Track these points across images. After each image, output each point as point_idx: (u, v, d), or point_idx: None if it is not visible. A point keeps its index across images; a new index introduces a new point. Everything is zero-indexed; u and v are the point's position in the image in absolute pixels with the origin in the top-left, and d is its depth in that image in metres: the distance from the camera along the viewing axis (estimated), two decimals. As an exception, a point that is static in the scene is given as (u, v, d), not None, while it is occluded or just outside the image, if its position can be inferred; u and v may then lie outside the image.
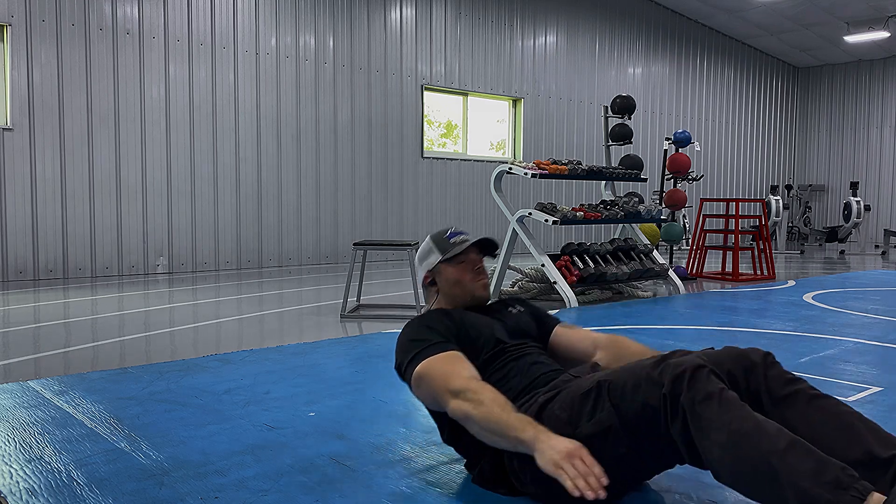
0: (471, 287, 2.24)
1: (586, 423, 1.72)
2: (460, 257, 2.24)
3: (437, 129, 11.01)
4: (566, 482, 1.57)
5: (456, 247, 2.25)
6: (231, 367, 3.48)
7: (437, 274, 2.27)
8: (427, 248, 2.31)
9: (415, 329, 2.08)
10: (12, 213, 7.20)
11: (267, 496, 1.97)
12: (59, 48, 7.37)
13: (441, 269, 2.26)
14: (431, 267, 2.27)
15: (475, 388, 1.84)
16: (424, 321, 2.11)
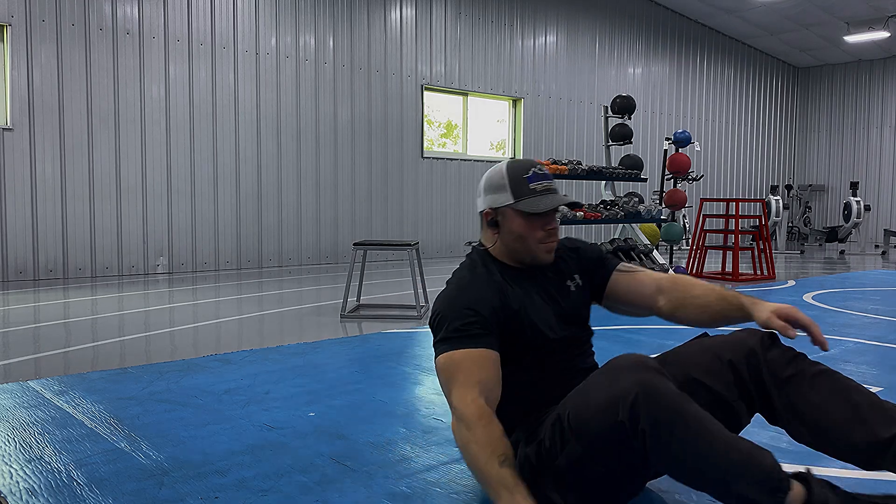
0: (535, 248, 1.90)
1: (560, 455, 1.67)
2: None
3: (437, 129, 11.01)
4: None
5: (534, 198, 1.87)
6: (231, 367, 3.48)
7: (502, 216, 1.91)
8: (499, 181, 1.91)
9: (458, 305, 1.81)
10: (12, 214, 7.20)
11: (267, 496, 1.97)
12: (59, 48, 7.37)
13: (508, 213, 1.90)
14: (497, 206, 1.91)
15: (472, 421, 1.66)
16: (473, 294, 1.83)
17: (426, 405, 2.87)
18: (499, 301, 1.85)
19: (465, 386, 1.71)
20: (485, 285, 1.87)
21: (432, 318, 1.87)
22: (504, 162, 1.95)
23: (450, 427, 2.54)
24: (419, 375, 3.37)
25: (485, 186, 1.95)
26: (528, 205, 1.87)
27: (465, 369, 1.73)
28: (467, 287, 1.87)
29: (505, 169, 1.92)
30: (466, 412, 1.67)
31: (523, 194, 1.88)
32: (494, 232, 1.94)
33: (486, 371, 1.75)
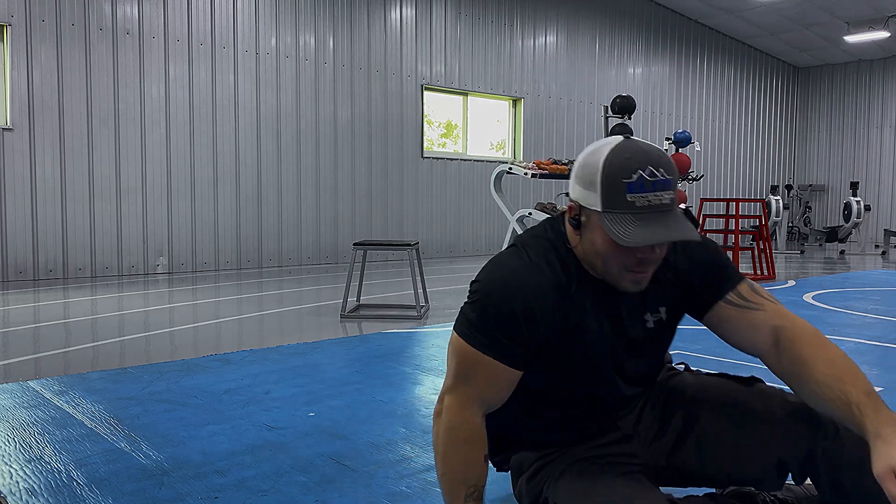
0: (618, 276, 1.44)
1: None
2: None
3: (437, 129, 11.01)
4: None
5: (629, 216, 1.36)
6: (231, 367, 3.48)
7: (587, 219, 1.43)
8: (591, 174, 1.40)
9: (508, 300, 1.44)
10: (12, 214, 7.20)
11: (267, 496, 1.97)
12: (59, 48, 7.37)
13: (593, 220, 1.41)
14: (586, 205, 1.42)
15: (458, 441, 1.48)
16: (531, 294, 1.44)
17: (426, 405, 2.87)
18: (555, 318, 1.47)
19: (469, 397, 1.49)
20: (548, 289, 1.46)
21: (477, 289, 1.51)
22: (610, 145, 1.40)
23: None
24: (419, 375, 3.37)
25: (577, 172, 1.45)
26: (616, 226, 1.35)
27: (478, 379, 1.48)
28: (526, 283, 1.45)
29: (603, 161, 1.38)
30: (458, 427, 1.48)
31: (616, 206, 1.36)
32: (576, 232, 1.47)
33: (498, 391, 1.50)
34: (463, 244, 10.72)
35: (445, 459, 1.50)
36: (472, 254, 10.81)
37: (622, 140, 1.40)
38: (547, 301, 1.45)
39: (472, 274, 8.10)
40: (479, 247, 10.89)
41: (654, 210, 1.35)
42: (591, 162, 1.41)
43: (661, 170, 1.36)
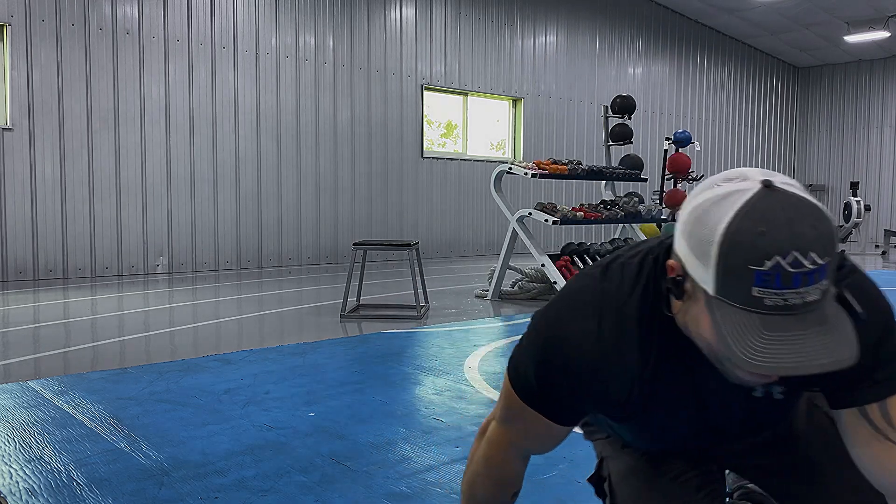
0: (730, 373, 1.02)
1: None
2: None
3: (437, 129, 11.01)
4: None
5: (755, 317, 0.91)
6: (231, 367, 3.48)
7: (695, 292, 0.98)
8: (705, 244, 0.93)
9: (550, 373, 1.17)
10: (12, 213, 7.20)
11: (267, 496, 1.97)
12: (59, 48, 7.37)
13: (702, 301, 0.97)
14: (692, 275, 0.97)
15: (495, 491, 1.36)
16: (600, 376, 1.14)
17: (426, 405, 2.87)
18: (620, 398, 1.18)
19: (511, 440, 1.31)
20: (619, 372, 1.14)
21: (537, 338, 1.20)
22: (737, 202, 0.92)
23: (450, 427, 2.55)
24: (419, 375, 3.37)
25: (686, 226, 0.98)
26: (732, 330, 0.92)
27: (523, 426, 1.26)
28: (594, 360, 1.14)
29: (724, 229, 0.91)
30: (494, 465, 1.34)
31: (735, 299, 0.92)
32: (678, 302, 1.04)
33: (542, 443, 1.30)
34: (463, 244, 10.72)
35: (473, 485, 1.38)
36: (472, 254, 10.82)
37: (759, 192, 0.91)
38: (612, 385, 1.16)
39: (472, 274, 8.13)
40: (479, 247, 10.89)
41: (793, 312, 0.90)
42: (706, 223, 0.94)
43: (814, 254, 0.88)
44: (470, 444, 2.35)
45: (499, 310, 5.56)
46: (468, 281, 7.45)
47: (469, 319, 5.05)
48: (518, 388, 1.22)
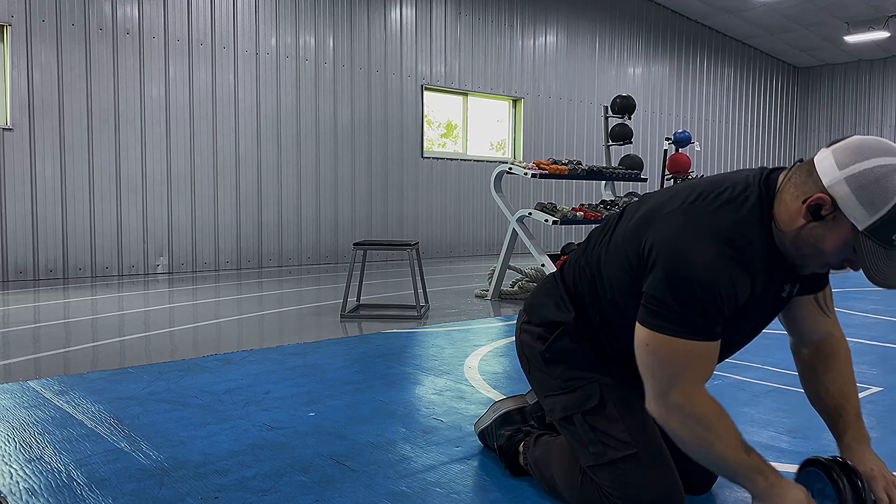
0: (807, 266, 1.56)
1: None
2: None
3: (437, 129, 11.01)
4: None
5: (888, 259, 1.42)
6: (231, 367, 3.48)
7: (835, 220, 1.43)
8: (880, 198, 1.37)
9: (716, 280, 1.48)
10: (12, 213, 7.20)
11: (267, 496, 1.97)
12: (59, 48, 7.37)
13: (843, 225, 1.42)
14: (844, 210, 1.41)
15: (712, 421, 1.55)
16: (735, 271, 1.49)
17: (426, 405, 2.87)
18: (745, 293, 1.54)
19: (695, 383, 1.55)
20: (749, 265, 1.51)
21: (669, 267, 1.51)
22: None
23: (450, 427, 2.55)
24: (419, 375, 3.37)
25: (860, 179, 1.38)
26: (870, 255, 1.41)
27: (698, 365, 1.55)
28: (727, 263, 1.49)
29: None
30: (703, 412, 1.55)
31: (880, 238, 1.39)
32: (807, 220, 1.47)
33: (713, 364, 1.59)
34: (463, 244, 10.72)
35: (714, 446, 1.55)
36: (472, 254, 10.82)
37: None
38: (744, 277, 1.51)
39: (472, 274, 8.13)
40: (479, 247, 10.89)
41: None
42: (886, 186, 1.36)
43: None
44: (469, 443, 2.36)
45: (499, 310, 5.56)
46: (468, 281, 7.45)
47: (469, 319, 5.05)
48: (694, 334, 1.51)
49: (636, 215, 1.69)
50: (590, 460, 1.77)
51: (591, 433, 1.77)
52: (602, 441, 1.75)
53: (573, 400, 1.82)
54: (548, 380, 1.89)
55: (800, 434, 2.52)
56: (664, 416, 1.58)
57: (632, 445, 1.72)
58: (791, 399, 2.96)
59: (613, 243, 1.72)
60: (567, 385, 1.84)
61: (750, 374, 3.34)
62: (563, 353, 1.86)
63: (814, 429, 2.57)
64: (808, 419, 2.70)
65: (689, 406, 1.55)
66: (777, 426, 2.61)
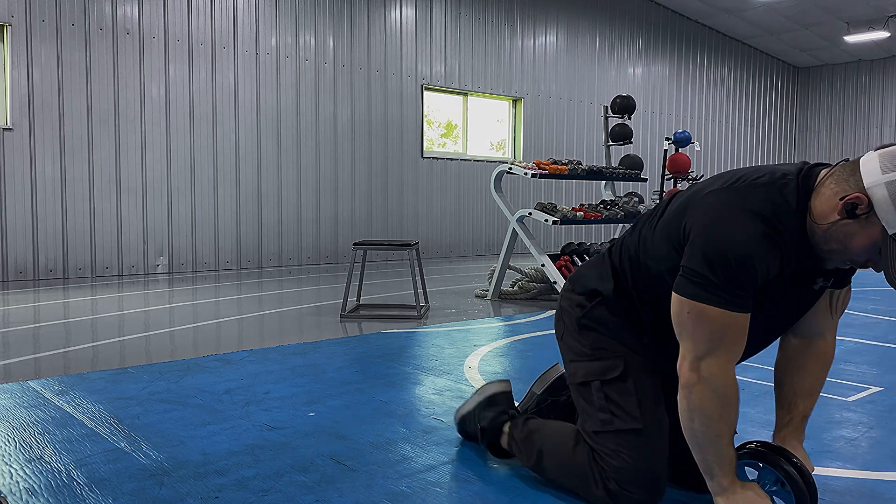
0: (833, 261, 1.62)
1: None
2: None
3: (437, 129, 11.01)
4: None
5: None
6: (231, 367, 3.48)
7: (867, 220, 1.50)
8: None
9: (752, 251, 1.54)
10: (12, 213, 7.20)
11: (267, 496, 1.97)
12: (59, 48, 7.37)
13: (871, 229, 1.50)
14: (878, 211, 1.47)
15: (731, 400, 1.62)
16: (769, 246, 1.55)
17: (426, 405, 2.87)
18: (776, 270, 1.59)
19: (728, 357, 1.61)
20: (782, 244, 1.57)
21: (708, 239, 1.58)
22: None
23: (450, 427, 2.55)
24: (419, 375, 3.37)
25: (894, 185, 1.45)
26: (893, 259, 1.48)
27: (733, 337, 1.61)
28: (761, 238, 1.55)
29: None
30: (728, 390, 1.61)
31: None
32: (841, 216, 1.52)
33: (744, 340, 1.64)
34: (463, 244, 10.72)
35: (719, 423, 1.62)
36: (472, 254, 10.82)
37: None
38: (775, 256, 1.57)
39: (472, 274, 8.13)
40: (479, 247, 10.89)
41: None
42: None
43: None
44: (469, 443, 2.35)
45: (499, 310, 5.56)
46: (468, 281, 7.45)
47: (469, 319, 5.05)
48: (733, 302, 1.56)
49: (682, 198, 1.76)
50: (596, 426, 1.86)
51: (605, 401, 1.86)
52: (612, 410, 1.85)
53: (597, 367, 1.91)
54: (577, 346, 1.97)
55: (800, 434, 2.52)
56: (694, 381, 1.62)
57: (639, 421, 1.82)
58: (791, 399, 2.97)
59: (661, 224, 1.79)
60: (595, 353, 1.93)
61: (750, 374, 3.34)
62: (599, 321, 1.94)
63: (813, 428, 2.57)
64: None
65: (718, 378, 1.61)
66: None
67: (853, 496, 1.99)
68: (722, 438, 1.64)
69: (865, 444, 2.43)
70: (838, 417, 2.73)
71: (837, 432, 2.55)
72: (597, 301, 1.94)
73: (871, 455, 2.32)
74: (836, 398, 3.00)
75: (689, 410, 1.65)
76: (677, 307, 1.65)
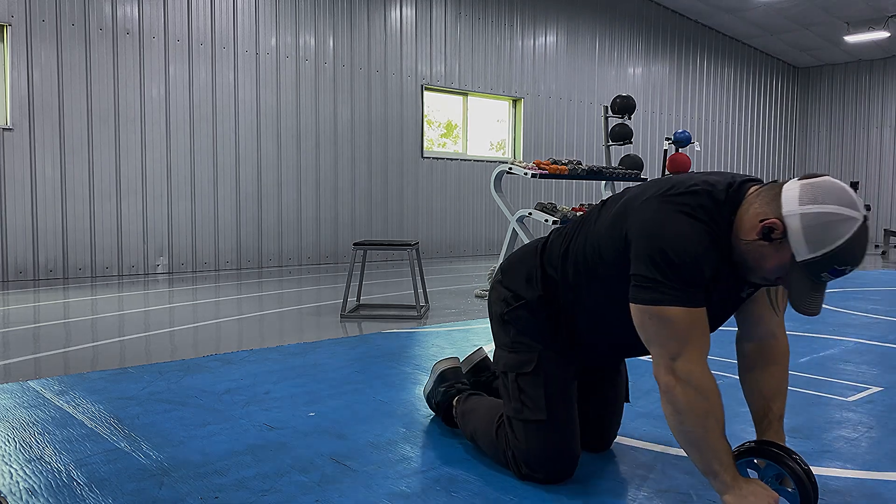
0: (749, 276, 1.71)
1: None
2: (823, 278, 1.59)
3: (437, 129, 11.01)
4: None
5: (814, 284, 1.60)
6: (231, 367, 3.48)
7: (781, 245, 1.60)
8: (827, 241, 1.53)
9: (693, 250, 1.64)
10: (12, 213, 7.20)
11: (267, 496, 1.97)
12: (59, 48, 7.37)
13: (783, 252, 1.60)
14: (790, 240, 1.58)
15: (712, 394, 1.66)
16: (706, 248, 1.65)
17: (426, 405, 2.87)
18: (714, 265, 1.68)
19: (699, 353, 1.68)
20: (715, 250, 1.67)
21: (652, 243, 1.67)
22: (858, 222, 1.53)
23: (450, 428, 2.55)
24: (419, 375, 3.37)
25: (813, 219, 1.54)
26: (799, 284, 1.60)
27: (698, 334, 1.67)
28: (701, 235, 1.65)
29: (845, 240, 1.52)
30: (707, 385, 1.67)
31: (810, 271, 1.58)
32: (759, 236, 1.61)
33: (708, 335, 1.71)
34: (463, 244, 10.72)
35: (707, 419, 1.67)
36: (472, 254, 10.82)
37: (861, 224, 1.54)
38: (712, 257, 1.67)
39: (472, 274, 8.13)
40: (479, 247, 10.90)
41: (823, 286, 1.62)
42: (835, 231, 1.53)
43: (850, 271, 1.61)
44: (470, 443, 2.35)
45: (499, 310, 5.55)
46: (468, 281, 7.45)
47: (469, 319, 5.05)
48: (690, 300, 1.65)
49: (615, 207, 1.86)
50: (510, 412, 2.08)
51: (518, 391, 2.06)
52: (523, 401, 2.04)
53: (513, 360, 2.09)
54: (501, 336, 2.17)
55: (800, 434, 2.53)
56: (672, 384, 1.68)
57: (544, 412, 2.01)
58: (791, 399, 2.97)
59: (595, 232, 1.89)
60: (514, 346, 2.10)
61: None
62: (518, 320, 2.10)
63: (813, 429, 2.58)
64: (807, 419, 2.70)
65: (695, 375, 1.66)
66: (777, 426, 2.61)
67: (853, 496, 1.99)
68: (714, 433, 1.67)
69: (865, 444, 2.43)
70: (838, 417, 2.73)
71: (837, 432, 2.55)
72: (520, 304, 2.09)
73: (871, 455, 2.32)
74: (836, 398, 3.01)
75: (677, 413, 1.68)
76: (638, 316, 1.72)
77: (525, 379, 2.05)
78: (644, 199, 1.76)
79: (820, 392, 3.10)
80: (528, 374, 2.05)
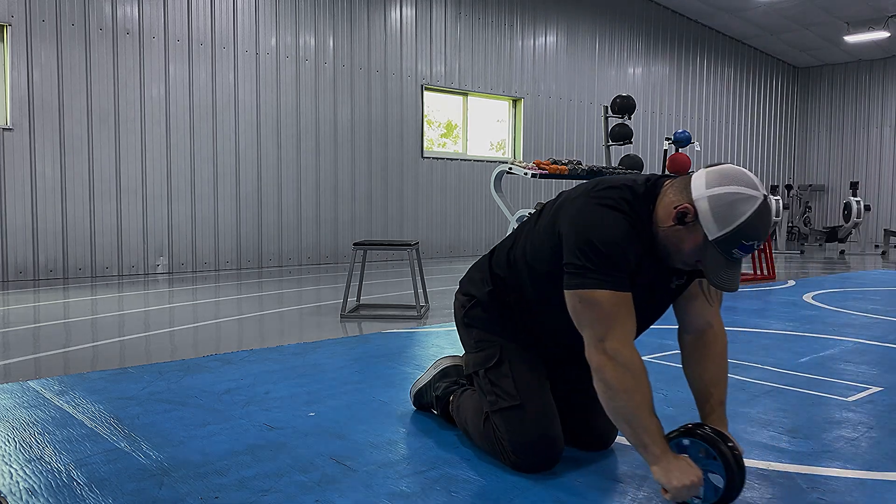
0: (672, 262, 1.87)
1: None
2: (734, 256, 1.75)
3: (437, 129, 11.01)
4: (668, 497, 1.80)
5: (726, 260, 1.76)
6: (231, 367, 3.48)
7: (693, 227, 1.76)
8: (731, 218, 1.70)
9: (614, 237, 1.80)
10: (12, 213, 7.20)
11: (267, 496, 1.97)
12: (59, 48, 7.37)
13: (697, 235, 1.76)
14: (701, 221, 1.74)
15: (639, 373, 1.79)
16: (626, 236, 1.81)
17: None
18: (638, 253, 1.84)
19: (625, 333, 1.81)
20: (637, 238, 1.83)
21: (579, 234, 1.83)
22: (759, 201, 1.70)
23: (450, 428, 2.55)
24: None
25: (719, 199, 1.71)
26: (714, 261, 1.76)
27: (623, 315, 1.81)
28: (622, 225, 1.81)
29: (748, 216, 1.70)
30: (634, 362, 1.79)
31: (722, 248, 1.74)
32: (674, 222, 1.78)
33: (634, 317, 1.84)
34: (463, 244, 10.72)
35: (634, 395, 1.78)
36: (472, 254, 10.82)
37: (763, 202, 1.71)
38: (635, 244, 1.82)
39: (472, 274, 8.12)
40: (479, 247, 10.89)
41: (738, 264, 1.78)
42: (739, 209, 1.70)
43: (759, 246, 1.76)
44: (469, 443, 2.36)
45: (499, 310, 5.55)
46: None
47: (469, 319, 5.05)
48: (614, 283, 1.79)
49: (552, 210, 2.03)
50: (488, 407, 2.17)
51: (489, 385, 2.16)
52: (496, 392, 2.14)
53: (480, 358, 2.22)
54: (466, 340, 2.30)
55: (800, 434, 2.53)
56: (602, 362, 1.81)
57: (517, 398, 2.10)
58: (791, 399, 2.97)
59: (535, 232, 2.06)
60: (477, 346, 2.24)
61: (750, 374, 3.34)
62: (476, 319, 2.25)
63: (813, 428, 2.57)
64: (807, 419, 2.70)
65: (623, 353, 1.79)
66: (777, 426, 2.61)
67: (853, 496, 1.99)
68: (643, 408, 1.78)
69: (865, 444, 2.43)
70: (838, 417, 2.73)
71: (837, 432, 2.55)
72: (473, 303, 2.26)
73: (871, 455, 2.32)
74: (836, 398, 3.01)
75: (608, 390, 1.81)
76: (570, 302, 1.87)
77: (493, 372, 2.17)
78: (573, 199, 1.94)
79: (820, 392, 3.10)
80: (493, 366, 2.17)
